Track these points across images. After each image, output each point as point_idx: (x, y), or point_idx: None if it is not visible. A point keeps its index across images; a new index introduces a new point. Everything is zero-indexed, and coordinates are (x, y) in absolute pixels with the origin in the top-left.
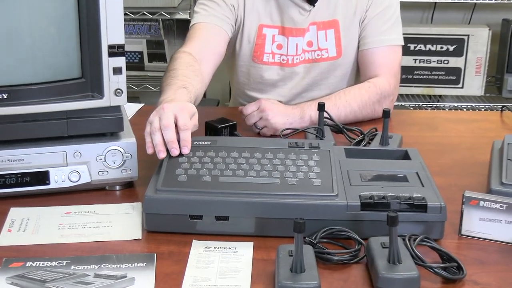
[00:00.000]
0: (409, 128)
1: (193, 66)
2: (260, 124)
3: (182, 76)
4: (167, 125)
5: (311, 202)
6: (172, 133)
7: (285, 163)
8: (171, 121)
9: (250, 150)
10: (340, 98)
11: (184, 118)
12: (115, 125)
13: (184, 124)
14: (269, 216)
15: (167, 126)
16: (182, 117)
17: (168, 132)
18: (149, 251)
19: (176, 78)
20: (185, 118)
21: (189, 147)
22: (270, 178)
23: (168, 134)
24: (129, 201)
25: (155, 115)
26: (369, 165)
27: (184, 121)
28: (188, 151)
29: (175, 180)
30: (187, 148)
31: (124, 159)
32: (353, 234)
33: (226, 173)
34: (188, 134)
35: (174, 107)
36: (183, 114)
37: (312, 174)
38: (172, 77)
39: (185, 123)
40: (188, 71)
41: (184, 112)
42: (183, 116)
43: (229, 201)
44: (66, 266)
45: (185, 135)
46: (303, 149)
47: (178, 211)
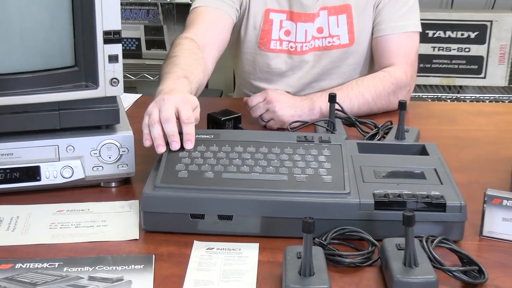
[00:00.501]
0: (427, 121)
1: (196, 54)
2: (266, 117)
3: (183, 64)
4: (167, 118)
5: (321, 201)
6: (173, 126)
7: (293, 158)
8: (171, 114)
9: (256, 145)
10: (353, 89)
11: (187, 111)
12: (110, 117)
13: (188, 117)
14: (276, 215)
15: (168, 119)
16: (184, 110)
17: (169, 125)
18: (147, 252)
19: (176, 66)
20: (187, 110)
21: (193, 142)
22: (277, 175)
23: (169, 127)
24: (126, 199)
25: (154, 106)
26: (383, 160)
27: (187, 114)
28: (191, 146)
29: (175, 176)
30: (191, 142)
31: (120, 154)
32: (366, 235)
33: (230, 169)
34: (192, 127)
35: (175, 99)
36: (185, 106)
37: (322, 170)
38: (173, 65)
39: (189, 116)
40: (190, 59)
41: (186, 104)
42: (186, 108)
43: (233, 199)
44: (58, 268)
45: (189, 129)
46: (313, 143)
47: (178, 210)
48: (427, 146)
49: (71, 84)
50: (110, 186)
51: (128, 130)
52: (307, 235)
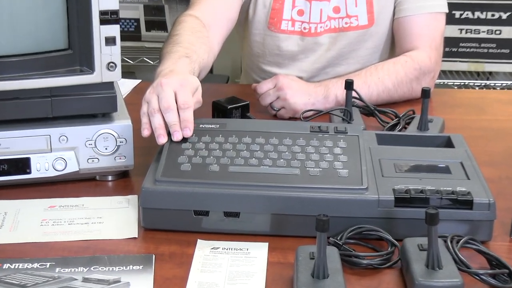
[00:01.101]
0: (453, 110)
1: (200, 32)
2: (277, 105)
3: (185, 43)
4: (167, 107)
5: (337, 197)
6: (175, 114)
7: (306, 150)
8: (171, 101)
9: (265, 135)
10: (372, 75)
11: (185, 95)
12: (107, 105)
13: (185, 101)
14: (287, 212)
15: (168, 108)
16: (182, 94)
17: (170, 115)
18: (146, 252)
19: (178, 45)
20: (185, 94)
21: (191, 129)
22: (288, 168)
23: (170, 116)
24: (124, 194)
25: (152, 92)
26: (405, 153)
27: (185, 98)
28: (190, 133)
29: (177, 169)
30: (189, 129)
31: (117, 145)
32: (386, 234)
33: (237, 161)
34: (189, 113)
35: (173, 83)
36: (184, 90)
37: (338, 163)
38: (174, 44)
39: (186, 100)
40: (193, 38)
41: (184, 88)
42: (184, 92)
43: (240, 194)
44: (50, 268)
45: (186, 115)
46: (328, 134)
47: (180, 206)
48: (453, 137)
49: (64, 68)
50: (107, 180)
51: (126, 119)
52: (321, 234)
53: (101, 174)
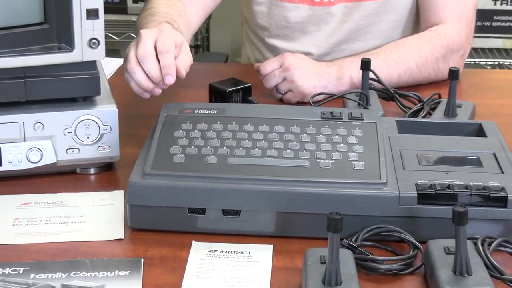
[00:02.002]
0: (485, 93)
1: (175, 5)
2: (283, 87)
3: (162, 13)
4: (144, 55)
5: (351, 192)
6: (152, 62)
7: (316, 139)
8: (148, 48)
9: (270, 122)
10: (392, 53)
11: (164, 39)
12: (89, 87)
13: (163, 45)
14: (295, 210)
15: (145, 56)
16: (161, 39)
17: (147, 63)
18: (134, 255)
19: (154, 16)
20: (164, 39)
21: (173, 74)
22: (296, 160)
23: (147, 65)
24: (108, 189)
25: (132, 45)
26: (429, 143)
27: (163, 42)
28: (172, 80)
29: (169, 161)
30: (171, 76)
31: (101, 133)
32: (407, 236)
33: (238, 152)
34: (170, 58)
35: (153, 32)
36: (163, 36)
37: (353, 154)
38: (150, 15)
39: (164, 44)
40: (170, 9)
41: (165, 34)
42: (163, 37)
43: (241, 189)
44: (23, 274)
45: (166, 60)
46: (341, 121)
47: (173, 203)
48: (485, 125)
49: (39, 45)
50: (89, 173)
51: (110, 103)
52: (333, 235)
53: (82, 167)
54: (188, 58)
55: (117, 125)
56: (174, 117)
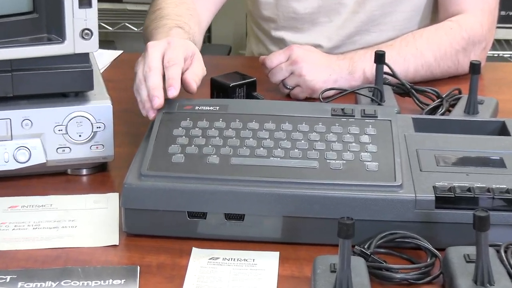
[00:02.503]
0: (509, 89)
1: (185, 4)
2: (290, 82)
3: (172, 15)
4: (149, 70)
5: (364, 195)
6: (155, 77)
7: (326, 138)
8: (155, 63)
9: (276, 120)
10: (408, 45)
11: (172, 52)
12: (81, 81)
13: (170, 58)
14: (303, 214)
15: (149, 71)
16: (169, 52)
17: (150, 78)
18: (130, 263)
19: (164, 19)
20: (172, 52)
21: (176, 88)
22: (304, 160)
23: (149, 80)
24: (102, 192)
25: (140, 61)
26: (448, 142)
27: (170, 56)
28: (176, 92)
29: (167, 161)
30: (174, 88)
31: (94, 131)
32: (424, 242)
33: (241, 152)
34: (175, 70)
35: (161, 44)
36: (172, 48)
37: (366, 154)
38: (159, 19)
39: (171, 57)
40: (179, 9)
41: (173, 46)
42: (171, 50)
43: (244, 192)
44: (10, 283)
45: (172, 72)
46: (353, 118)
47: (171, 206)
48: (508, 123)
49: (27, 36)
50: (81, 174)
51: (104, 99)
52: (345, 241)
53: (73, 167)
54: (200, 70)
55: (111, 122)
56: (173, 114)
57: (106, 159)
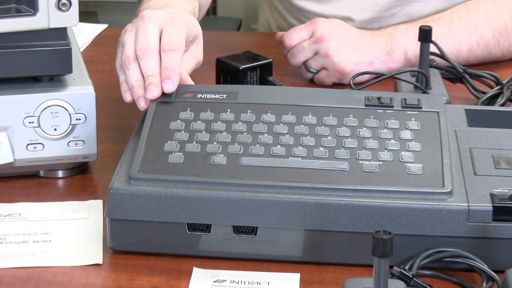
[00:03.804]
0: None
1: None
2: (315, 65)
3: None
4: (145, 50)
5: (404, 204)
6: (153, 61)
7: (359, 134)
8: (152, 41)
9: (297, 111)
10: (460, 18)
11: (173, 32)
12: (57, 63)
13: (171, 40)
14: (329, 227)
15: (146, 51)
16: (169, 31)
17: (146, 61)
18: (116, 286)
19: None
20: (174, 32)
21: (175, 82)
22: (331, 161)
23: (145, 63)
24: (82, 198)
25: (129, 30)
26: (509, 139)
27: (171, 37)
28: (173, 88)
29: (163, 161)
30: (172, 82)
31: (72, 124)
32: (479, 263)
33: (254, 150)
34: (175, 58)
35: (160, 16)
36: (173, 27)
37: (407, 154)
38: None
39: (172, 39)
40: None
41: (175, 23)
42: (172, 29)
43: (258, 200)
44: None
45: (170, 60)
46: (392, 109)
47: (168, 217)
48: None
49: None
50: (56, 177)
51: (85, 84)
52: (381, 261)
53: (47, 168)
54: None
55: (94, 113)
56: (170, 103)
57: (88, 159)
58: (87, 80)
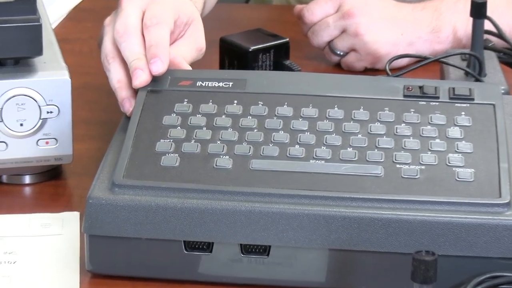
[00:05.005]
0: None
1: None
2: (342, 45)
3: None
4: (124, 31)
5: (452, 219)
6: (132, 42)
7: (396, 131)
8: (131, 20)
9: (320, 103)
10: None
11: (155, 9)
12: (24, 43)
13: (152, 15)
14: (359, 246)
15: (124, 32)
16: (151, 8)
17: (125, 44)
18: None
19: None
20: (156, 8)
21: (164, 60)
22: (362, 165)
23: (124, 46)
24: (54, 210)
25: (109, 23)
26: None
27: (153, 12)
28: (162, 68)
29: (154, 164)
30: (160, 61)
31: (43, 118)
32: None
33: (267, 151)
34: (160, 33)
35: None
36: (155, 4)
37: (456, 157)
38: None
39: (154, 14)
40: None
41: (159, 2)
42: (154, 6)
43: (271, 212)
44: None
45: (155, 35)
46: (437, 101)
47: (160, 233)
48: None
49: None
50: (22, 184)
51: (59, 69)
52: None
53: (11, 173)
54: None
55: (69, 104)
56: (163, 92)
57: (61, 161)
58: (61, 63)
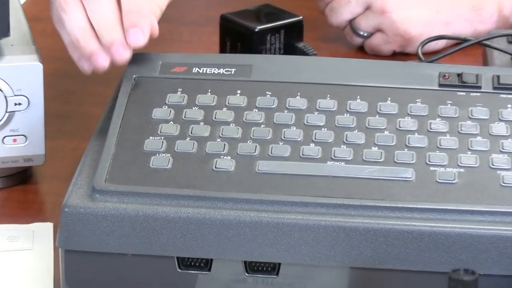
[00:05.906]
0: None
1: None
2: (365, 25)
3: None
4: None
5: (496, 232)
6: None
7: (429, 127)
8: None
9: (339, 94)
10: None
11: None
12: None
13: None
14: (385, 264)
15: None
16: None
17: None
18: None
19: None
20: None
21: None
22: (390, 167)
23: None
24: (23, 221)
25: None
26: None
27: None
28: (143, 39)
29: (142, 166)
30: (141, 32)
31: (9, 111)
32: None
33: (275, 151)
34: None
35: None
36: None
37: (501, 158)
38: None
39: None
40: None
41: None
42: None
43: (281, 223)
44: None
45: None
46: (479, 91)
47: (148, 248)
48: None
49: None
50: None
51: (29, 52)
52: None
53: None
54: None
55: (41, 95)
56: (153, 80)
57: (32, 162)
58: (31, 46)
